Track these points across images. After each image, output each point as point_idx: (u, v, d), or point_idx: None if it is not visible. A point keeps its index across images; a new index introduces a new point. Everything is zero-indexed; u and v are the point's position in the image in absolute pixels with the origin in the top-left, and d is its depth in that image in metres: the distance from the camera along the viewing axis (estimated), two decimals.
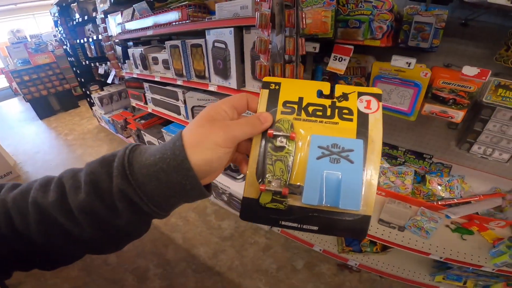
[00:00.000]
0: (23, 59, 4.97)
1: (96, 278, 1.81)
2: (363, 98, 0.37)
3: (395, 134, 1.65)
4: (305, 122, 0.37)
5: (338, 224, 0.33)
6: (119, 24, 2.34)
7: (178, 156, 0.31)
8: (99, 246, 0.36)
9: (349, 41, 1.04)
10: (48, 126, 4.83)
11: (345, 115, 0.36)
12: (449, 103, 1.07)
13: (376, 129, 0.35)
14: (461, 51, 1.22)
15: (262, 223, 0.36)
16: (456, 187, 1.45)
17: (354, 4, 1.00)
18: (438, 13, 1.00)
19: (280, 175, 0.35)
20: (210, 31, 1.38)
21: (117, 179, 0.32)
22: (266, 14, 0.80)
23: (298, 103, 0.38)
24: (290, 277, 1.71)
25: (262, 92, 0.39)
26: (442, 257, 1.25)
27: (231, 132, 0.34)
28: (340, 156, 0.34)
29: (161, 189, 0.32)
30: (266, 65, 0.87)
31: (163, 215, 0.36)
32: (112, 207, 0.32)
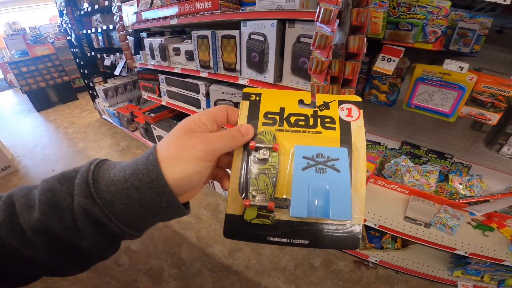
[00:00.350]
0: (21, 51, 4.83)
1: (108, 280, 1.76)
2: (343, 106, 0.37)
3: (418, 133, 1.70)
4: (287, 133, 0.36)
5: (329, 236, 0.32)
6: (134, 13, 2.28)
7: (152, 171, 0.29)
8: (58, 269, 0.33)
9: (397, 42, 1.06)
10: (46, 118, 4.70)
11: (328, 124, 0.36)
12: (487, 106, 1.11)
13: (359, 136, 0.35)
14: (494, 57, 1.27)
15: (249, 241, 0.34)
16: (476, 186, 1.51)
17: (406, 7, 1.02)
18: (483, 20, 1.04)
19: (264, 189, 0.34)
20: (247, 23, 1.37)
21: (80, 197, 0.29)
22: (331, 9, 0.81)
23: (280, 114, 0.37)
24: (308, 275, 1.73)
25: (242, 104, 0.38)
26: (467, 252, 1.31)
27: (211, 144, 0.32)
28: (326, 166, 0.33)
29: (132, 207, 0.29)
30: (325, 61, 0.88)
31: (136, 235, 0.33)
32: (73, 228, 0.29)
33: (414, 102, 1.21)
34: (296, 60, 1.25)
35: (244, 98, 0.38)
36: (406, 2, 1.03)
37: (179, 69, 2.05)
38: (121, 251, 1.95)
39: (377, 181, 1.63)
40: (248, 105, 0.38)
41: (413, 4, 1.02)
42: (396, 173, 1.62)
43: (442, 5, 0.99)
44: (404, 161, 1.60)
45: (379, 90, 1.39)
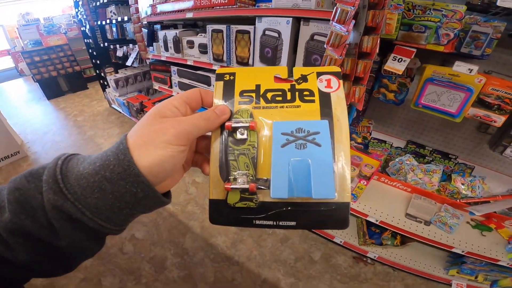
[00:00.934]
0: (34, 40, 4.93)
1: (112, 268, 1.80)
2: (322, 77, 0.35)
3: (424, 133, 1.74)
4: (265, 110, 0.34)
5: (316, 217, 0.31)
6: (150, 5, 2.33)
7: (123, 161, 0.28)
8: (43, 270, 0.31)
9: (409, 43, 1.10)
10: (56, 106, 4.78)
11: (306, 97, 0.34)
12: (493, 108, 1.15)
13: (340, 108, 0.33)
14: (504, 60, 1.30)
15: (235, 225, 0.33)
16: (478, 187, 1.54)
17: (422, 10, 1.05)
18: (496, 24, 1.07)
19: (245, 170, 0.33)
20: (262, 19, 1.41)
21: (48, 194, 0.27)
22: (348, 10, 0.85)
23: (256, 91, 0.35)
24: (307, 268, 1.78)
25: (216, 85, 0.37)
26: (464, 250, 1.35)
27: (183, 128, 0.30)
28: (306, 141, 0.32)
29: (107, 201, 0.28)
30: (338, 59, 0.92)
31: (117, 229, 0.31)
32: (48, 227, 0.28)
33: (422, 101, 1.25)
34: (308, 57, 1.29)
35: (218, 79, 0.37)
36: (421, 5, 1.06)
37: (192, 61, 2.10)
38: (126, 239, 2.02)
39: (380, 178, 1.67)
40: (222, 85, 0.36)
41: (429, 7, 1.05)
42: (400, 171, 1.66)
43: (457, 9, 1.02)
44: (409, 160, 1.64)
45: (388, 89, 1.43)
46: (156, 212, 2.24)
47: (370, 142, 1.88)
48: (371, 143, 1.88)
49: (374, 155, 1.79)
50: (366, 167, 1.48)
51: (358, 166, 1.53)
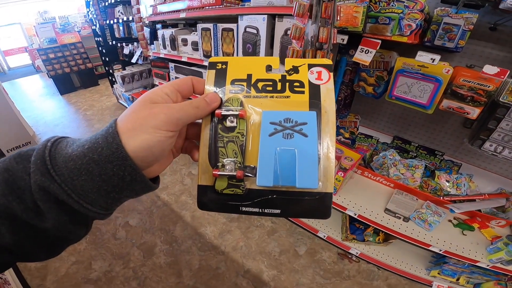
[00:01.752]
0: (50, 38, 5.21)
1: (103, 252, 1.90)
2: (313, 69, 0.36)
3: (410, 129, 1.72)
4: (255, 99, 0.35)
5: (299, 205, 0.32)
6: (151, 6, 2.44)
7: (112, 144, 0.28)
8: (26, 254, 0.31)
9: (377, 36, 1.11)
10: (68, 101, 5.04)
11: (296, 88, 0.35)
12: (466, 100, 1.14)
13: (329, 99, 0.34)
14: (486, 54, 1.28)
15: (222, 211, 0.34)
16: (464, 185, 1.52)
17: (386, 2, 1.07)
18: (468, 16, 1.06)
19: (233, 157, 0.33)
20: (243, 17, 1.46)
21: (36, 175, 0.27)
22: (304, 4, 0.88)
23: (247, 80, 0.36)
24: (291, 261, 1.80)
25: (208, 73, 0.38)
26: (441, 249, 1.32)
27: (172, 114, 0.31)
28: (293, 131, 0.33)
29: (94, 183, 0.28)
30: (299, 50, 0.95)
31: (104, 214, 0.31)
32: (34, 209, 0.28)
33: (395, 93, 1.25)
34: (283, 51, 1.33)
35: (210, 68, 0.38)
36: None
37: (186, 58, 2.18)
38: (119, 226, 2.12)
39: (364, 172, 1.68)
40: (214, 74, 0.37)
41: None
42: (383, 166, 1.65)
43: (418, 0, 1.02)
44: (392, 155, 1.63)
45: (367, 83, 1.43)
46: (151, 201, 2.35)
47: (357, 137, 1.88)
48: (358, 138, 1.88)
49: (360, 150, 1.80)
50: (345, 160, 1.50)
51: (339, 159, 1.54)
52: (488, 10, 1.17)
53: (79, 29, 5.75)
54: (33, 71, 8.25)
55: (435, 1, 1.25)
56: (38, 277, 1.73)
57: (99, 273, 1.76)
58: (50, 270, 1.77)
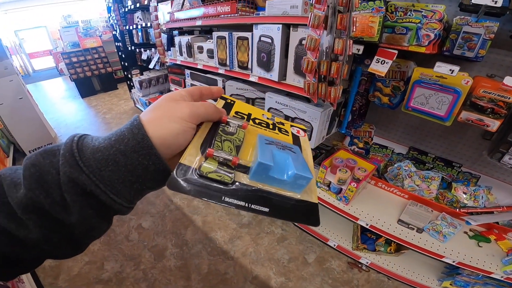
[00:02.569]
0: (73, 42, 5.43)
1: (115, 253, 1.94)
2: (294, 128, 0.49)
3: (427, 140, 1.68)
4: (252, 127, 0.43)
5: (288, 209, 0.32)
6: (168, 13, 2.50)
7: (137, 135, 0.30)
8: (52, 249, 0.31)
9: (393, 46, 1.10)
10: (89, 104, 5.23)
11: (283, 132, 0.46)
12: (486, 112, 1.10)
13: (306, 144, 0.45)
14: (507, 63, 1.23)
15: (198, 196, 0.30)
16: (481, 197, 1.46)
17: (403, 12, 1.05)
18: (489, 25, 1.03)
19: (228, 151, 0.34)
20: (258, 26, 1.48)
21: (65, 167, 0.28)
22: (319, 15, 0.89)
23: (247, 115, 0.46)
24: (300, 269, 1.79)
25: (218, 101, 0.46)
26: (454, 261, 1.29)
27: (196, 109, 0.35)
28: (285, 147, 0.38)
29: (120, 173, 0.29)
30: (313, 61, 0.95)
31: (126, 207, 0.32)
32: (60, 202, 0.29)
33: (412, 104, 1.23)
34: (298, 61, 1.33)
35: (222, 99, 0.47)
36: (403, 6, 1.06)
37: (202, 65, 2.22)
38: (133, 228, 2.16)
39: (377, 183, 1.65)
40: (223, 103, 0.46)
41: (409, 9, 1.05)
42: (397, 177, 1.62)
43: (437, 9, 1.01)
44: (407, 166, 1.60)
45: (382, 93, 1.42)
46: (164, 204, 2.39)
47: (371, 147, 1.85)
48: (372, 148, 1.85)
49: (374, 160, 1.77)
50: (359, 170, 1.48)
51: (352, 169, 1.53)
52: (509, 18, 1.12)
53: (101, 34, 5.97)
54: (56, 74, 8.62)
55: (454, 10, 1.23)
56: (51, 275, 1.79)
57: (111, 273, 1.80)
58: (63, 269, 1.83)
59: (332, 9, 0.88)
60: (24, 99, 3.08)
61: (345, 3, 0.86)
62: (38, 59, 9.92)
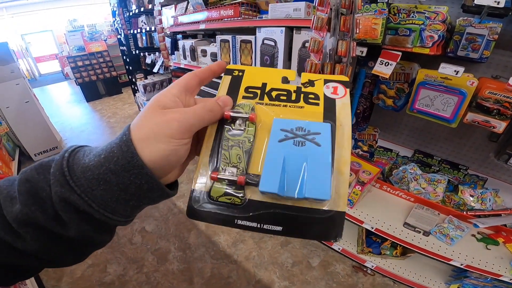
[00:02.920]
0: (78, 46, 5.51)
1: (118, 256, 1.95)
2: (329, 84, 0.35)
3: (432, 142, 1.66)
4: (267, 107, 0.34)
5: (305, 224, 0.28)
6: (172, 16, 2.53)
7: (127, 153, 0.27)
8: (54, 259, 0.31)
9: (397, 47, 1.09)
10: (94, 108, 5.28)
11: (311, 100, 0.34)
12: (492, 113, 1.09)
13: (345, 113, 0.33)
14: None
15: (214, 222, 0.30)
16: (489, 200, 1.44)
17: (406, 14, 1.05)
18: (492, 26, 1.02)
19: (237, 162, 0.31)
20: (261, 29, 1.48)
21: (56, 186, 0.27)
22: (322, 18, 0.89)
23: (261, 88, 0.36)
24: (304, 273, 1.77)
25: (223, 78, 0.37)
26: (462, 264, 1.27)
27: (186, 121, 0.30)
28: (306, 139, 0.30)
29: (113, 192, 0.28)
30: (317, 63, 0.95)
31: (124, 221, 0.31)
32: (56, 218, 0.28)
33: (416, 106, 1.22)
34: (301, 63, 1.33)
35: (227, 74, 0.37)
36: (405, 8, 1.06)
37: None
38: (136, 231, 2.16)
39: (382, 186, 1.63)
40: (229, 80, 0.37)
41: (412, 11, 1.05)
42: (403, 180, 1.60)
43: (439, 11, 1.00)
44: (413, 169, 1.58)
45: (386, 95, 1.41)
46: (168, 208, 2.39)
47: (376, 150, 1.84)
48: (376, 152, 1.84)
49: (379, 163, 1.75)
50: (364, 173, 1.47)
51: (357, 172, 1.51)
52: None
53: (106, 38, 6.04)
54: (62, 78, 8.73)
55: (456, 11, 1.22)
56: (54, 278, 1.79)
57: (113, 276, 1.80)
58: (66, 272, 1.83)
59: (335, 12, 0.88)
60: (30, 102, 3.11)
61: (348, 5, 0.86)
62: (44, 63, 10.05)
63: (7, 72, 2.90)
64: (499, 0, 0.82)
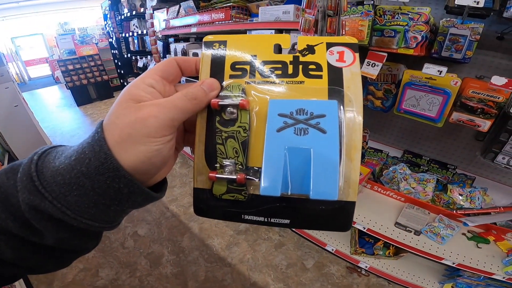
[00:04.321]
0: (69, 50, 5.44)
1: (111, 260, 1.92)
2: (333, 49, 0.29)
3: (421, 143, 1.69)
4: (261, 85, 0.29)
5: (313, 216, 0.27)
6: (164, 20, 2.54)
7: (99, 153, 0.24)
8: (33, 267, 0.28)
9: (383, 49, 1.12)
10: (84, 112, 5.21)
11: (312, 72, 0.29)
12: (477, 112, 1.12)
13: (354, 86, 0.28)
14: (496, 64, 1.26)
15: (222, 219, 0.29)
16: (478, 198, 1.47)
17: (391, 15, 1.08)
18: (474, 26, 1.06)
19: (234, 156, 0.28)
20: (252, 32, 1.50)
21: (23, 193, 0.24)
22: (310, 20, 0.91)
23: (251, 63, 0.30)
24: (298, 275, 1.77)
25: (202, 56, 0.31)
26: (454, 262, 1.28)
27: (166, 115, 0.26)
28: (308, 125, 0.26)
29: (89, 197, 0.24)
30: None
31: (109, 227, 0.28)
32: (29, 227, 0.25)
33: (403, 107, 1.24)
34: None
35: (206, 47, 0.31)
36: (390, 10, 1.08)
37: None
38: (128, 235, 2.14)
39: (373, 187, 1.65)
40: (210, 57, 0.30)
41: (397, 12, 1.07)
42: (393, 180, 1.62)
43: (422, 12, 1.03)
44: (403, 169, 1.60)
45: (375, 96, 1.43)
46: (160, 212, 2.37)
47: (366, 151, 1.86)
48: (367, 153, 1.86)
49: (369, 164, 1.78)
50: None
51: None
52: (494, 19, 1.16)
53: (97, 41, 5.99)
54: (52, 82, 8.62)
55: (441, 12, 1.25)
56: (44, 282, 1.75)
57: (106, 281, 1.77)
58: (57, 276, 1.80)
59: (321, 13, 0.90)
60: (19, 106, 3.06)
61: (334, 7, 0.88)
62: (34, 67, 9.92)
63: None
64: (479, 0, 0.85)
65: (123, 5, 3.57)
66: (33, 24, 9.00)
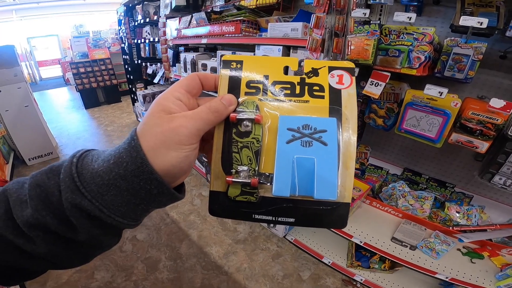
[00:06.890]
0: (82, 53, 5.57)
1: (107, 263, 1.93)
2: (334, 73, 0.34)
3: (420, 161, 1.72)
4: (272, 103, 0.34)
5: (315, 215, 0.32)
6: (176, 29, 2.62)
7: (136, 158, 0.28)
8: (60, 262, 0.32)
9: (387, 68, 1.16)
10: (92, 115, 5.30)
11: (316, 92, 0.33)
12: (475, 134, 1.15)
13: (350, 105, 0.33)
14: (497, 84, 1.28)
15: (234, 218, 0.34)
16: (474, 216, 1.49)
17: (396, 35, 1.12)
18: (477, 45, 1.08)
19: (248, 163, 0.32)
20: (260, 46, 1.56)
21: (66, 192, 0.28)
22: (317, 39, 0.96)
23: (263, 82, 0.34)
24: (294, 286, 1.77)
25: (221, 74, 0.35)
26: (448, 277, 1.30)
27: (193, 125, 0.30)
28: (312, 138, 0.31)
29: (123, 197, 0.28)
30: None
31: (133, 224, 0.32)
32: (67, 223, 0.28)
33: (404, 126, 1.28)
34: None
35: (224, 67, 0.35)
36: (396, 29, 1.13)
37: None
38: (127, 239, 2.15)
39: (372, 202, 1.67)
40: (228, 75, 0.35)
41: (402, 32, 1.12)
42: (392, 196, 1.64)
43: (427, 32, 1.06)
44: (401, 186, 1.63)
45: (377, 114, 1.47)
46: (160, 217, 2.39)
47: (367, 168, 1.89)
48: (368, 169, 1.89)
49: (369, 180, 1.80)
50: (354, 190, 1.51)
51: None
52: (498, 38, 1.17)
53: (109, 45, 6.12)
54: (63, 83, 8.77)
55: (446, 31, 1.27)
56: (38, 282, 1.76)
57: (100, 283, 1.78)
58: (51, 276, 1.80)
59: (329, 33, 0.95)
60: (29, 107, 3.13)
61: (341, 28, 0.93)
62: (46, 68, 10.09)
63: (10, 76, 2.92)
64: (482, 21, 0.88)
65: (137, 11, 3.67)
66: (50, 25, 9.18)
